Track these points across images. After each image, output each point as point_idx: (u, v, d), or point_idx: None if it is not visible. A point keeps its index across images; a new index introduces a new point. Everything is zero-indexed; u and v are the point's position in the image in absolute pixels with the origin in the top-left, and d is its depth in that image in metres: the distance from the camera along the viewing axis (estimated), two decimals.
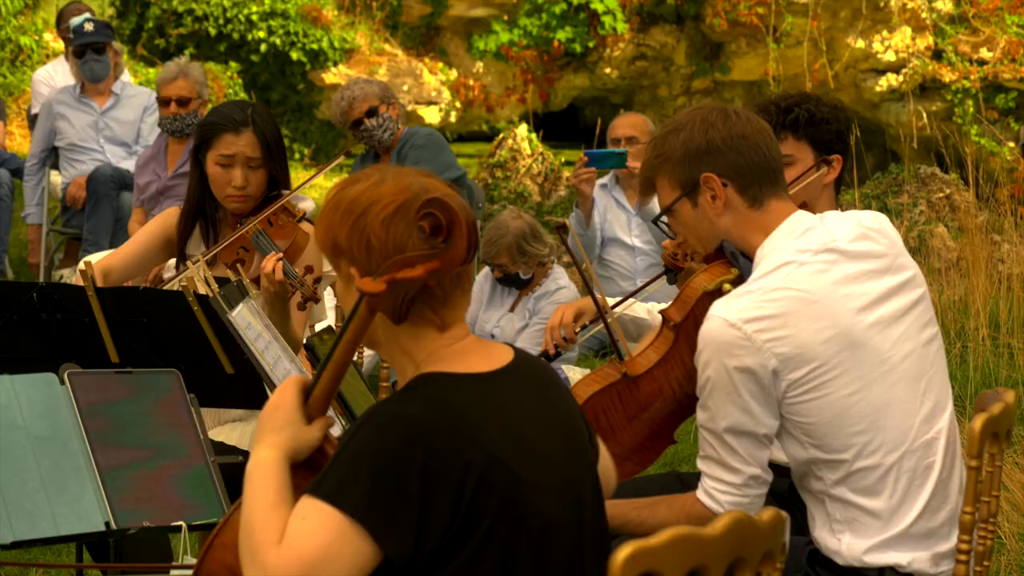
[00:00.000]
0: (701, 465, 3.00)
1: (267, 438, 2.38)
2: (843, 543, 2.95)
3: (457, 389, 2.36)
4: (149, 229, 4.25)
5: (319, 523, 2.23)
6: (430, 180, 2.42)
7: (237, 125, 4.11)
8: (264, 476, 2.34)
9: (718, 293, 3.05)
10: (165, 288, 3.98)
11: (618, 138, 7.32)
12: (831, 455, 2.92)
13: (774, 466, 3.49)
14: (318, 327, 4.08)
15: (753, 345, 2.85)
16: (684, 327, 3.13)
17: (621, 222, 7.52)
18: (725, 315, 2.87)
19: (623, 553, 2.01)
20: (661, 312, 3.23)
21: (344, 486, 2.24)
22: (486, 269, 7.06)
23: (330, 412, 2.45)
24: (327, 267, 4.33)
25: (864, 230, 3.03)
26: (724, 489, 2.97)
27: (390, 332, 2.43)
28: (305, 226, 4.17)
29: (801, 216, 3.01)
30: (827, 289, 2.90)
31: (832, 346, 2.87)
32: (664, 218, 3.11)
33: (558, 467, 2.40)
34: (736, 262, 3.12)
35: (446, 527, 2.25)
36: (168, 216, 4.25)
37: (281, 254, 3.91)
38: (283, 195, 4.17)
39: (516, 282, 6.97)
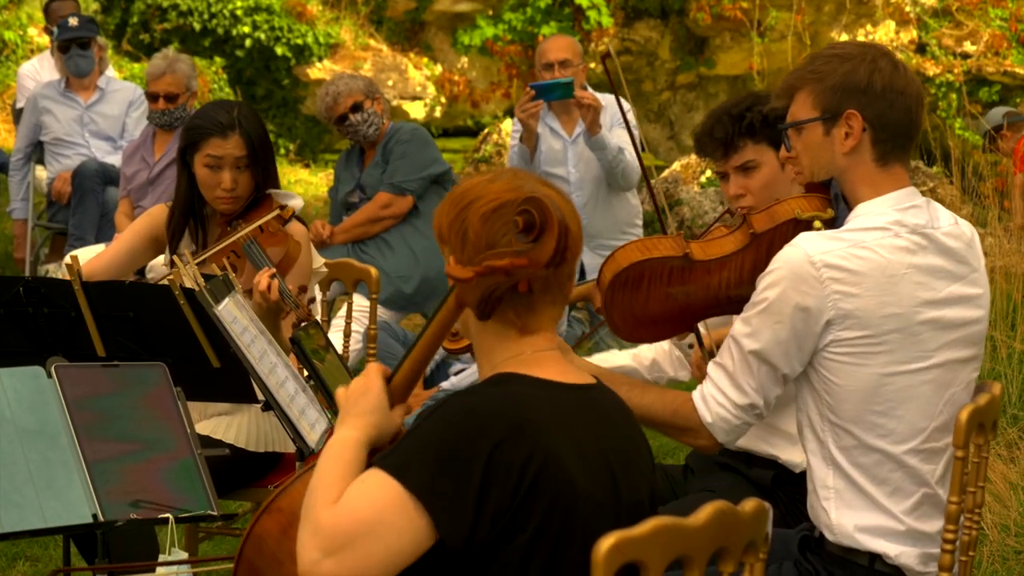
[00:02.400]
0: (711, 370, 3.00)
1: (352, 420, 2.43)
2: (831, 516, 2.95)
3: (528, 389, 2.39)
4: (134, 229, 4.24)
5: (378, 491, 2.27)
6: (545, 187, 2.45)
7: (224, 129, 4.09)
8: (340, 451, 2.38)
9: (807, 226, 3.03)
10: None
11: (550, 62, 7.00)
12: (842, 422, 2.93)
13: (759, 459, 3.52)
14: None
15: (823, 290, 2.85)
16: (760, 240, 3.09)
17: (556, 152, 7.16)
18: (810, 250, 2.87)
19: (606, 543, 2.03)
20: (746, 215, 3.17)
21: (410, 463, 2.28)
22: None
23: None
24: (316, 263, 4.34)
25: (960, 230, 3.03)
26: (721, 401, 2.97)
27: (479, 329, 2.47)
28: (294, 226, 4.18)
29: (911, 192, 3.00)
30: (906, 270, 2.91)
31: (889, 323, 2.88)
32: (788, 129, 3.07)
33: (614, 488, 2.41)
34: (835, 205, 3.09)
35: (498, 517, 2.28)
36: (153, 215, 4.24)
37: (274, 270, 3.91)
38: (272, 195, 4.19)
39: None
